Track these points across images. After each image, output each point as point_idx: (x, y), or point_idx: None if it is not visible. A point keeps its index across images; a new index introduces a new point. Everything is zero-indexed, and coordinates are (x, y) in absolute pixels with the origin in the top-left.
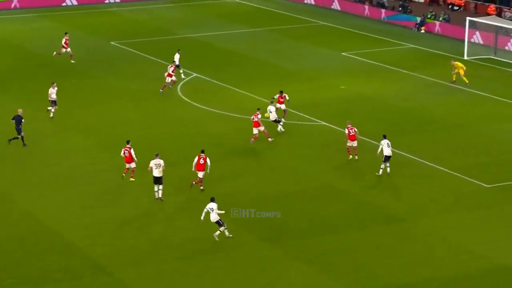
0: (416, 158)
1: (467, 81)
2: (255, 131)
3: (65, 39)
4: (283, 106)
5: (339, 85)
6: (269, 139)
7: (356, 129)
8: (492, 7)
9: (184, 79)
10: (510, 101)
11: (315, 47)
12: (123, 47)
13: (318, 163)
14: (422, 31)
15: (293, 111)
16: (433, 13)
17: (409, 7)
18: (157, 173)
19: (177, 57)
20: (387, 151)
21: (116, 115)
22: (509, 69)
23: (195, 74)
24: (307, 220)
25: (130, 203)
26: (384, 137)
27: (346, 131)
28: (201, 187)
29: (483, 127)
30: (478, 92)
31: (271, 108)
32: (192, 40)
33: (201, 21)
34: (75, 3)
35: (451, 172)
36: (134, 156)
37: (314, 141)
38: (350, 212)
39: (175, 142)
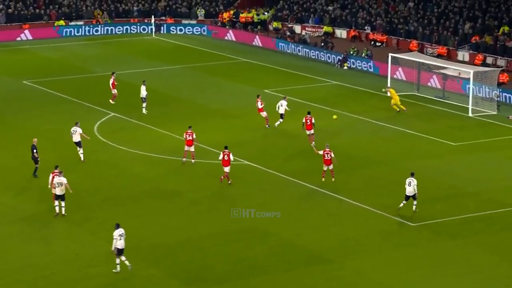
0: (340, 197)
1: (404, 109)
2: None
3: (112, 79)
4: (264, 114)
5: (263, 124)
6: (191, 160)
7: (333, 155)
8: (414, 43)
9: (144, 114)
10: (433, 138)
11: (238, 84)
12: (36, 86)
13: (241, 203)
14: (345, 67)
15: (216, 150)
16: (356, 49)
17: (331, 44)
18: (59, 191)
19: (143, 89)
20: (408, 190)
21: (29, 157)
22: (431, 106)
23: (112, 114)
24: (232, 263)
25: (42, 248)
26: (412, 174)
27: (321, 152)
28: (229, 181)
29: (407, 164)
30: (401, 129)
31: (283, 102)
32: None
33: (118, 58)
34: None
35: (376, 210)
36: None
37: (237, 181)
38: (275, 253)
39: (93, 185)
